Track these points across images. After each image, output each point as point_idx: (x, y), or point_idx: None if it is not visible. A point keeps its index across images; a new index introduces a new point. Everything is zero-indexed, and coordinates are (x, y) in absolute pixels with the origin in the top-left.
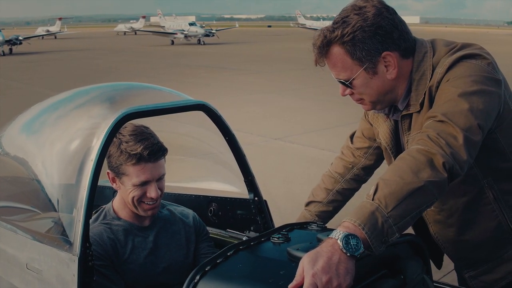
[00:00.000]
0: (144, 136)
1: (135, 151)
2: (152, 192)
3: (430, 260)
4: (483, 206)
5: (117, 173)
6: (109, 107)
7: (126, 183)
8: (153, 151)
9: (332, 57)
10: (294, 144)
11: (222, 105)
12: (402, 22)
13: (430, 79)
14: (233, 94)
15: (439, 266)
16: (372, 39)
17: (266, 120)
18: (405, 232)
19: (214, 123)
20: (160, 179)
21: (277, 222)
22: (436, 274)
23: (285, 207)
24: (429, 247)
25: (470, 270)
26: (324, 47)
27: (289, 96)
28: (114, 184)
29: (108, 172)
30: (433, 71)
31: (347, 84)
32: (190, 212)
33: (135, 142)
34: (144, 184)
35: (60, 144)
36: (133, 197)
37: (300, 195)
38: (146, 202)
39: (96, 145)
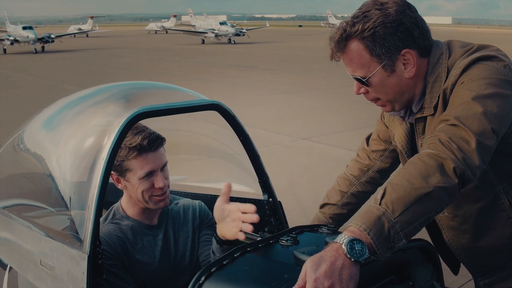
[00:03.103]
0: (140, 129)
1: (134, 143)
2: (159, 182)
3: (447, 266)
4: (498, 212)
5: (121, 172)
6: (124, 105)
7: (131, 179)
8: (151, 139)
9: (349, 52)
10: (322, 144)
11: (250, 104)
12: (422, 21)
13: (445, 81)
14: (261, 94)
15: (455, 271)
16: (393, 36)
17: (294, 119)
18: (419, 237)
19: (229, 123)
20: (163, 168)
21: (302, 222)
22: (456, 282)
23: (311, 207)
24: (445, 252)
25: (485, 277)
26: (342, 41)
27: (317, 96)
28: (120, 184)
29: (111, 174)
30: (448, 73)
31: (364, 81)
32: (196, 203)
33: (133, 136)
34: (149, 175)
35: (74, 140)
36: (142, 192)
37: None
38: (155, 194)
39: (108, 143)
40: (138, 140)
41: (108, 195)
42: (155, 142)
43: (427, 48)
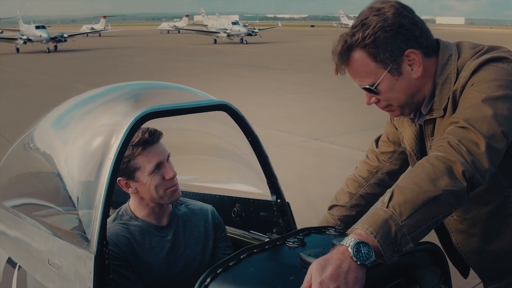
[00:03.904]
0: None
1: (137, 139)
2: (169, 172)
3: (457, 269)
4: (508, 216)
5: (129, 174)
6: (133, 105)
7: (141, 178)
8: (151, 132)
9: (354, 63)
10: (333, 145)
11: (262, 104)
12: (421, 21)
13: (455, 83)
14: (273, 93)
15: (465, 275)
16: (395, 38)
17: (305, 120)
18: (428, 239)
19: (237, 123)
20: (168, 159)
21: (312, 223)
22: (465, 285)
23: (322, 207)
24: (454, 255)
25: (494, 282)
26: (345, 53)
27: (330, 96)
28: (130, 189)
29: (119, 180)
30: (457, 74)
31: (373, 89)
32: (208, 207)
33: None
34: (158, 167)
35: (83, 139)
36: (155, 186)
37: None
38: (168, 187)
39: (115, 143)
40: (139, 135)
41: (118, 195)
42: (155, 133)
43: (431, 47)
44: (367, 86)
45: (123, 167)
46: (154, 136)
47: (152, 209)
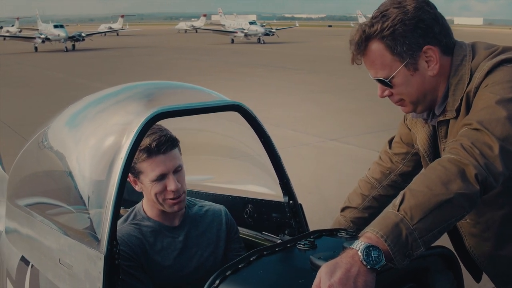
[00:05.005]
0: (152, 131)
1: (143, 146)
2: (171, 184)
3: (469, 273)
4: None
5: (135, 174)
6: (145, 104)
7: (144, 181)
8: (160, 142)
9: (370, 54)
10: (350, 145)
11: (279, 104)
12: (442, 18)
13: (468, 84)
14: (290, 94)
15: (478, 279)
16: (413, 32)
17: (322, 120)
18: (441, 243)
19: (250, 124)
20: (176, 171)
21: (328, 224)
22: None
23: (337, 208)
24: (467, 259)
25: (506, 286)
26: (362, 43)
27: (346, 96)
28: (136, 186)
29: (129, 175)
30: (471, 75)
31: (387, 82)
32: (221, 208)
33: (145, 137)
34: (161, 178)
35: (95, 138)
36: (155, 194)
37: None
38: (169, 198)
39: (126, 143)
40: (147, 142)
41: (131, 194)
42: (164, 144)
43: (449, 45)
44: (381, 78)
45: (132, 165)
46: (161, 148)
47: (161, 209)
